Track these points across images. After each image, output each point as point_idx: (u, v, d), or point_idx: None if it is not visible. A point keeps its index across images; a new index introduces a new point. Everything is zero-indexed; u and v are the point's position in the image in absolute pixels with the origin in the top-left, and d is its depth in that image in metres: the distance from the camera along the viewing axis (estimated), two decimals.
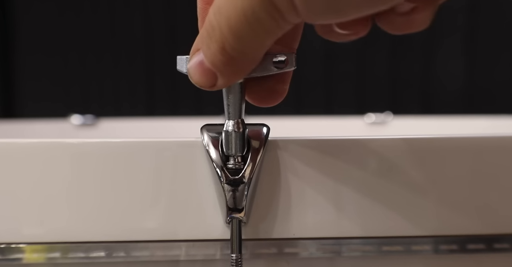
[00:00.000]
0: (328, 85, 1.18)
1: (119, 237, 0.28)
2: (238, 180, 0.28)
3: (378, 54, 1.17)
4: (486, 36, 1.14)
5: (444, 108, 1.14)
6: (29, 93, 1.26)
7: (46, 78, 1.25)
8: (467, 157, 0.29)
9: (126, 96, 1.24)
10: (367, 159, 0.29)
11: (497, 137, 0.30)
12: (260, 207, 0.29)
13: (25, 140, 0.28)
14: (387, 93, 1.18)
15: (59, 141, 0.28)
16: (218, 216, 0.28)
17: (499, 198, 0.29)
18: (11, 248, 0.28)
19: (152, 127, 0.84)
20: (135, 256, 0.29)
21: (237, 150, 0.28)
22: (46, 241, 0.28)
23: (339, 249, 0.29)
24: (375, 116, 0.83)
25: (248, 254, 0.29)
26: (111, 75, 1.23)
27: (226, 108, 0.27)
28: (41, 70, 1.25)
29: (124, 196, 0.28)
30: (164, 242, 0.29)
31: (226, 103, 0.27)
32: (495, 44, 1.13)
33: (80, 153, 0.28)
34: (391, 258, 0.30)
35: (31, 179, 0.28)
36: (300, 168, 0.29)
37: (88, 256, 0.28)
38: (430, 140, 0.29)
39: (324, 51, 1.16)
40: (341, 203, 0.29)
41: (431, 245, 0.29)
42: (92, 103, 1.23)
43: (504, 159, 0.29)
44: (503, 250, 0.30)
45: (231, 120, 0.27)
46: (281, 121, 0.79)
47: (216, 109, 0.28)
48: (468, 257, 0.30)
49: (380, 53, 1.17)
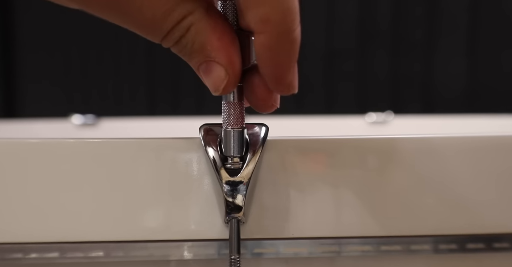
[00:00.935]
0: (329, 84, 1.18)
1: (118, 237, 0.28)
2: (237, 180, 0.28)
3: (379, 53, 1.17)
4: (487, 35, 1.13)
5: (445, 107, 1.14)
6: (30, 93, 1.26)
7: (47, 78, 1.26)
8: (468, 156, 0.29)
9: (127, 96, 1.24)
10: (367, 158, 0.29)
11: (497, 136, 0.30)
12: (259, 207, 0.29)
13: (25, 139, 0.28)
14: (388, 92, 1.18)
15: (59, 140, 0.28)
16: (217, 216, 0.28)
17: (499, 197, 0.29)
18: (10, 248, 0.28)
19: (153, 126, 0.84)
20: (134, 256, 0.29)
21: (236, 151, 0.28)
22: (44, 241, 0.28)
23: (338, 249, 0.29)
24: (376, 116, 0.83)
25: (247, 254, 0.29)
26: (112, 74, 1.23)
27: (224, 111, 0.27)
28: (42, 70, 1.25)
29: (122, 196, 0.28)
30: (162, 242, 0.29)
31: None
32: (496, 43, 1.13)
33: (79, 152, 0.28)
34: (390, 258, 0.30)
35: (31, 178, 0.28)
36: (299, 168, 0.29)
37: (87, 256, 0.28)
38: (431, 139, 0.29)
39: (325, 50, 1.16)
40: (340, 203, 0.29)
41: (431, 245, 0.29)
42: (93, 103, 1.23)
43: (505, 158, 0.29)
44: (503, 249, 0.30)
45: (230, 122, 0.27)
46: (281, 120, 0.79)
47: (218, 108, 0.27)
48: (468, 257, 0.30)
49: (381, 52, 1.17)
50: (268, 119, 0.29)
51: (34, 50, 1.25)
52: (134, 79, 1.23)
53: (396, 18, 1.16)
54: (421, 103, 1.17)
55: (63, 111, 0.88)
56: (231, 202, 0.28)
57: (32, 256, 0.28)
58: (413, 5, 1.15)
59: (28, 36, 1.24)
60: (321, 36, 1.15)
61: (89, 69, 1.24)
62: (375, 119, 0.83)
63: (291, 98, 1.12)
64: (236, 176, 0.28)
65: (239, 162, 0.28)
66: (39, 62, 1.25)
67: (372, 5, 1.16)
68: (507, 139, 0.30)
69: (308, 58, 1.14)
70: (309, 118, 0.85)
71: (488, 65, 1.14)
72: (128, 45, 1.22)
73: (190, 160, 0.28)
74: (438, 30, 1.15)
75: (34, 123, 0.83)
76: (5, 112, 1.25)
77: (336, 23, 1.16)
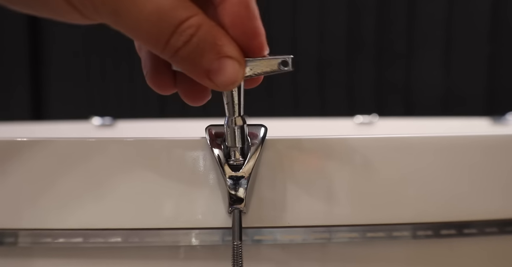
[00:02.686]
0: (321, 90, 1.18)
1: (134, 225, 0.28)
2: (239, 175, 0.28)
3: (365, 62, 1.17)
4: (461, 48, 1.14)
5: (424, 110, 1.14)
6: (55, 97, 1.26)
7: (69, 85, 1.25)
8: (442, 153, 0.29)
9: (140, 100, 1.24)
10: (354, 155, 0.29)
11: (467, 136, 0.30)
12: (259, 198, 0.29)
13: (57, 138, 0.29)
14: (374, 97, 1.17)
15: (81, 139, 0.29)
16: (221, 207, 0.28)
17: (468, 189, 0.30)
18: (40, 233, 0.29)
19: (163, 127, 0.84)
20: (148, 241, 0.29)
21: (238, 142, 0.27)
22: (70, 227, 0.28)
23: (329, 236, 0.29)
24: (363, 118, 0.83)
25: (247, 241, 0.29)
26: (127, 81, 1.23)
27: (227, 105, 0.27)
28: (65, 77, 1.25)
29: (138, 189, 0.28)
30: (173, 229, 0.29)
31: (226, 101, 0.27)
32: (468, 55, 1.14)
33: (100, 150, 0.28)
34: (375, 243, 0.30)
35: (59, 174, 0.28)
36: (294, 164, 0.29)
37: (107, 241, 0.29)
38: (411, 138, 0.29)
39: (318, 59, 1.16)
40: (331, 195, 0.29)
41: (410, 231, 0.29)
42: (110, 106, 1.23)
43: (473, 155, 0.30)
44: (472, 234, 0.30)
45: (232, 116, 0.27)
46: (278, 122, 0.79)
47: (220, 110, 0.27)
48: (442, 242, 0.30)
49: (367, 62, 1.17)
50: (267, 120, 0.29)
51: (58, 59, 1.25)
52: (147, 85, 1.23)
53: (380, 32, 1.16)
54: (403, 107, 1.17)
55: (84, 114, 0.88)
56: (234, 194, 0.28)
57: (60, 241, 0.29)
58: (395, 20, 1.16)
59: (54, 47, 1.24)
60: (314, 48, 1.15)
61: (107, 76, 1.24)
62: (362, 121, 0.83)
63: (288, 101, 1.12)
64: (238, 172, 0.28)
65: (241, 159, 0.28)
66: (62, 70, 1.25)
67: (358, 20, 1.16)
68: (474, 138, 0.30)
69: (302, 67, 1.14)
70: (303, 120, 0.85)
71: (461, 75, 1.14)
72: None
73: (197, 157, 0.28)
74: (418, 42, 1.15)
75: (59, 124, 0.83)
76: (33, 115, 1.26)
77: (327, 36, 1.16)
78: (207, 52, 0.24)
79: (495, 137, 0.30)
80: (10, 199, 0.28)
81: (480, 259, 0.31)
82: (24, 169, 0.28)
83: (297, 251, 0.30)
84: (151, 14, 0.23)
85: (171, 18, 0.23)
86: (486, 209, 0.30)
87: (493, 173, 0.30)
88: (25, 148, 0.28)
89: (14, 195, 0.28)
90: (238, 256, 0.27)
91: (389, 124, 0.84)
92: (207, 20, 0.24)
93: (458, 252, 0.31)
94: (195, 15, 0.23)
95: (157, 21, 0.23)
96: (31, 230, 0.28)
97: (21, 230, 0.28)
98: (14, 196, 0.28)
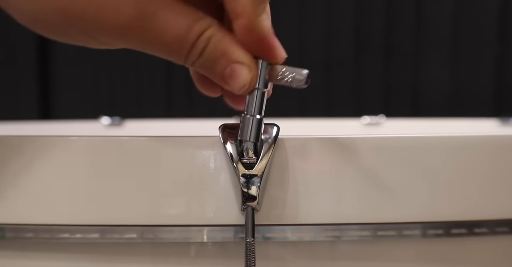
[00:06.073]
0: (329, 91, 1.18)
1: (149, 222, 0.29)
2: (252, 173, 0.28)
3: (372, 63, 1.17)
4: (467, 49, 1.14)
5: (430, 111, 1.14)
6: (64, 97, 1.27)
7: (80, 86, 1.26)
8: (450, 153, 0.29)
9: (147, 100, 1.24)
10: (363, 155, 0.29)
11: (476, 136, 0.30)
12: (271, 196, 0.29)
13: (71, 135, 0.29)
14: (381, 97, 1.18)
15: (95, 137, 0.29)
16: (234, 205, 0.29)
17: (479, 188, 0.30)
18: (58, 229, 0.29)
19: (170, 127, 0.84)
20: (162, 238, 0.29)
21: (253, 137, 0.27)
22: (88, 223, 0.29)
23: (340, 234, 0.29)
24: (370, 118, 0.83)
25: (259, 238, 0.29)
26: (135, 82, 1.24)
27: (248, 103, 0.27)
28: (76, 79, 1.26)
29: (153, 187, 0.29)
30: (187, 226, 0.29)
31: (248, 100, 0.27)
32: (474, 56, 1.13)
33: (114, 147, 0.29)
34: (385, 242, 0.30)
35: (76, 171, 0.29)
36: (305, 163, 0.29)
37: (122, 237, 0.29)
38: (419, 138, 0.29)
39: (325, 61, 1.16)
40: (341, 193, 0.29)
41: (420, 230, 0.29)
42: (118, 106, 1.24)
43: (483, 155, 0.30)
44: (482, 234, 0.30)
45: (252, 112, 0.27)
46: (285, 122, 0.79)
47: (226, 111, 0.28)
48: (452, 241, 0.30)
49: (375, 62, 1.17)
50: (273, 121, 0.29)
51: (69, 62, 1.26)
52: (154, 86, 1.23)
53: (387, 33, 1.17)
54: (410, 107, 1.17)
55: (93, 114, 0.89)
56: (247, 192, 0.28)
57: (77, 236, 0.29)
58: (402, 21, 1.16)
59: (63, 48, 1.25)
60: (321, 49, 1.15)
61: (115, 78, 1.25)
62: (369, 121, 0.83)
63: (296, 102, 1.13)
64: (251, 170, 0.28)
65: (254, 157, 0.28)
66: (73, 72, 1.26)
67: (365, 21, 1.16)
68: (483, 138, 0.30)
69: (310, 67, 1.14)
70: (310, 120, 0.85)
71: (469, 75, 1.14)
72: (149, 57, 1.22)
73: (211, 155, 0.29)
74: (425, 43, 1.15)
75: (69, 124, 0.83)
76: (45, 115, 1.26)
77: (334, 37, 1.16)
78: (218, 60, 0.26)
79: (505, 138, 0.30)
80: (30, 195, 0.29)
81: (490, 259, 0.31)
82: (42, 166, 0.29)
83: (307, 249, 0.30)
84: (172, 43, 0.26)
85: (186, 43, 0.26)
86: (497, 208, 0.30)
87: (503, 173, 0.30)
88: (41, 146, 0.29)
89: (33, 192, 0.29)
90: (251, 253, 0.27)
91: (396, 124, 0.84)
92: (219, 30, 0.26)
93: (469, 251, 0.31)
94: (208, 27, 0.26)
95: (177, 49, 0.26)
96: (49, 225, 0.29)
97: (38, 226, 0.29)
98: (33, 192, 0.29)
